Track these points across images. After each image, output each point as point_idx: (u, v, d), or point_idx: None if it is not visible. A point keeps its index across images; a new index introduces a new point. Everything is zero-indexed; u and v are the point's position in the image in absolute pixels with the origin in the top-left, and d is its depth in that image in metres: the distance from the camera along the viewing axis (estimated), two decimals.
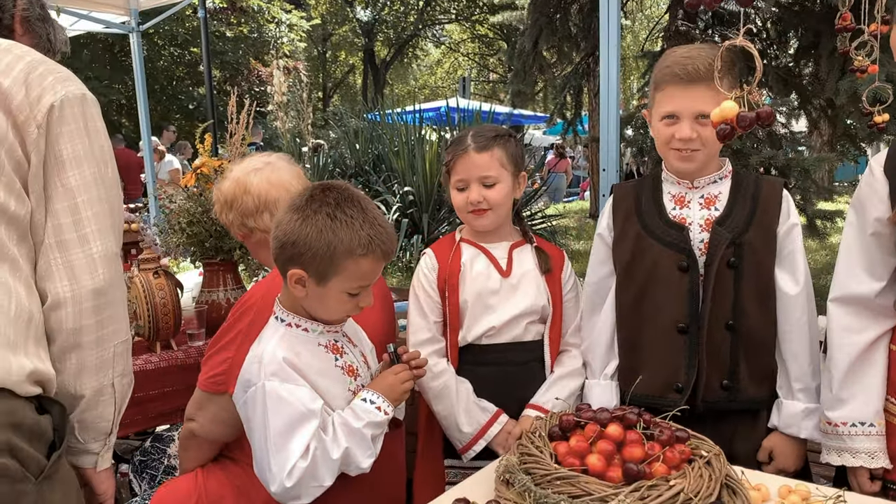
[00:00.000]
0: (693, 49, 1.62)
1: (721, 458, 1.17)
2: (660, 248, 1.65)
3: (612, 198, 1.77)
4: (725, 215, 1.63)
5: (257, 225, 1.80)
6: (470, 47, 26.87)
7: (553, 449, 1.18)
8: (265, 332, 1.42)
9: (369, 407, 1.37)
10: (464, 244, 1.84)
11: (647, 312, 1.68)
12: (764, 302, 1.62)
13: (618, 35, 2.90)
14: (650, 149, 3.67)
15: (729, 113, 1.08)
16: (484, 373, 1.77)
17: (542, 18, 4.18)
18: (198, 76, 16.14)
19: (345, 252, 1.32)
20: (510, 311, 1.76)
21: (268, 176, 1.82)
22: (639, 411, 1.24)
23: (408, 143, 7.08)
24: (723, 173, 1.67)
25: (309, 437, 1.29)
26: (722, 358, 1.61)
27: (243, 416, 1.38)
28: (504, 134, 1.79)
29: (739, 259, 1.60)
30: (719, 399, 1.61)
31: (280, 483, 1.27)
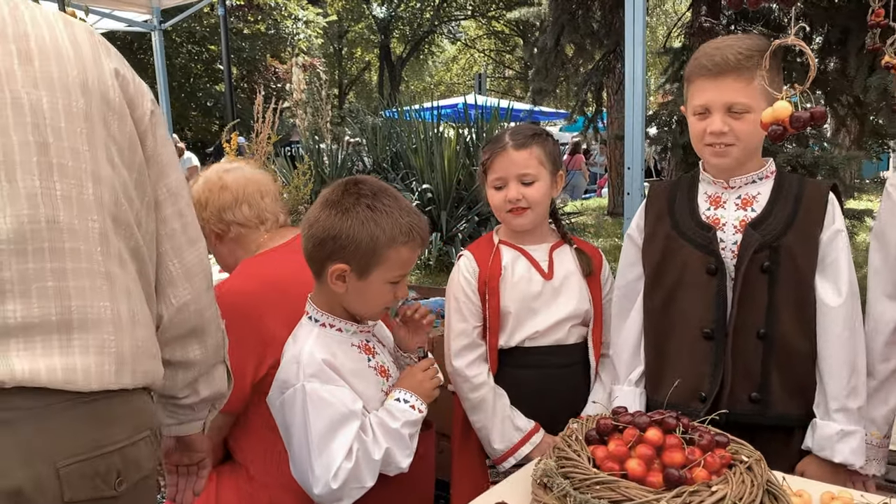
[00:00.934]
0: (725, 39, 1.57)
1: (762, 463, 1.15)
2: (689, 250, 1.59)
3: (647, 197, 1.74)
4: (763, 217, 1.54)
5: (235, 218, 1.75)
6: (486, 44, 26.81)
7: (591, 453, 1.17)
8: (299, 332, 1.42)
9: (404, 406, 1.37)
10: (503, 246, 1.81)
11: (674, 317, 1.62)
12: (801, 311, 1.52)
13: (643, 32, 2.87)
14: (673, 146, 3.64)
15: (781, 113, 1.06)
16: (526, 376, 1.76)
17: (564, 16, 4.15)
18: (215, 73, 16.25)
19: (387, 241, 1.33)
20: (555, 314, 1.74)
21: (242, 173, 1.82)
22: (677, 415, 1.22)
23: (426, 141, 7.08)
24: (763, 173, 1.58)
25: (351, 438, 1.29)
26: (752, 368, 1.52)
27: (280, 418, 1.37)
28: (542, 132, 1.78)
29: (775, 264, 1.51)
30: (748, 412, 1.51)
31: (325, 485, 1.27)
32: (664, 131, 3.45)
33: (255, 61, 16.38)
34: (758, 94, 1.48)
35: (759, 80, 1.46)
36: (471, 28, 26.56)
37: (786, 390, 1.52)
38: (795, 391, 1.53)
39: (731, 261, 1.54)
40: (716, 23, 4.17)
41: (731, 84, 1.49)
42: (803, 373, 1.53)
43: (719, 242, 1.56)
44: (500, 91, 25.80)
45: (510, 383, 1.77)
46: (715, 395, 1.54)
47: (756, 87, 1.47)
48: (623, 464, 1.12)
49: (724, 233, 1.57)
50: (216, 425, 1.58)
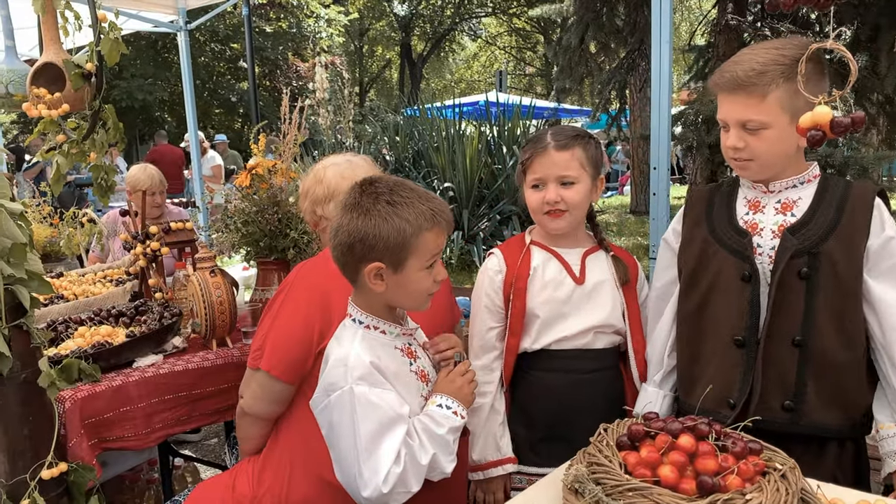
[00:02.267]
0: (745, 52, 1.53)
1: (796, 471, 1.14)
2: (724, 255, 1.56)
3: (686, 202, 1.70)
4: (803, 222, 1.50)
5: (324, 213, 1.90)
6: (506, 41, 26.71)
7: (622, 458, 1.17)
8: (343, 334, 1.42)
9: (447, 413, 1.37)
10: (534, 247, 1.79)
11: (706, 322, 1.60)
12: (842, 320, 1.48)
13: (670, 32, 2.83)
14: (699, 145, 3.61)
15: (821, 119, 1.04)
16: (550, 380, 1.74)
17: (589, 14, 4.13)
18: (238, 71, 16.39)
19: (414, 231, 1.33)
20: (584, 321, 1.72)
21: (342, 170, 1.91)
22: (709, 421, 1.21)
23: (448, 139, 7.09)
24: (805, 177, 1.54)
25: (399, 443, 1.29)
26: (785, 376, 1.49)
27: (324, 421, 1.37)
28: (584, 134, 1.74)
29: (814, 270, 1.47)
30: (780, 421, 1.48)
31: (375, 488, 1.27)
32: (690, 130, 3.42)
33: (277, 59, 16.50)
34: (777, 109, 1.44)
35: (779, 94, 1.43)
36: (491, 25, 26.49)
37: (821, 400, 1.48)
38: (832, 401, 1.49)
39: (768, 266, 1.51)
40: (742, 20, 4.12)
41: (743, 101, 1.47)
42: (841, 383, 1.49)
43: (756, 247, 1.53)
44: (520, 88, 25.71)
45: (535, 386, 1.76)
46: (744, 402, 1.52)
47: (773, 102, 1.44)
48: (655, 470, 1.12)
49: (761, 238, 1.54)
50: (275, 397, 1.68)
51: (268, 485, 1.69)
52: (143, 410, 2.03)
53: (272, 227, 2.37)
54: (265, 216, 2.37)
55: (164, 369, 2.12)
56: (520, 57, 26.90)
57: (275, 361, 1.66)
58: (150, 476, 2.94)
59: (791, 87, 1.42)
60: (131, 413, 2.01)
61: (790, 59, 1.43)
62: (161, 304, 2.42)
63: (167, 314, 2.31)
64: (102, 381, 2.00)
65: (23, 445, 1.76)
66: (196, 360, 2.20)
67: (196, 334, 2.33)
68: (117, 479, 2.71)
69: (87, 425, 1.91)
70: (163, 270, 2.58)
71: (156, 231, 2.50)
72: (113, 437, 1.98)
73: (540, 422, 1.77)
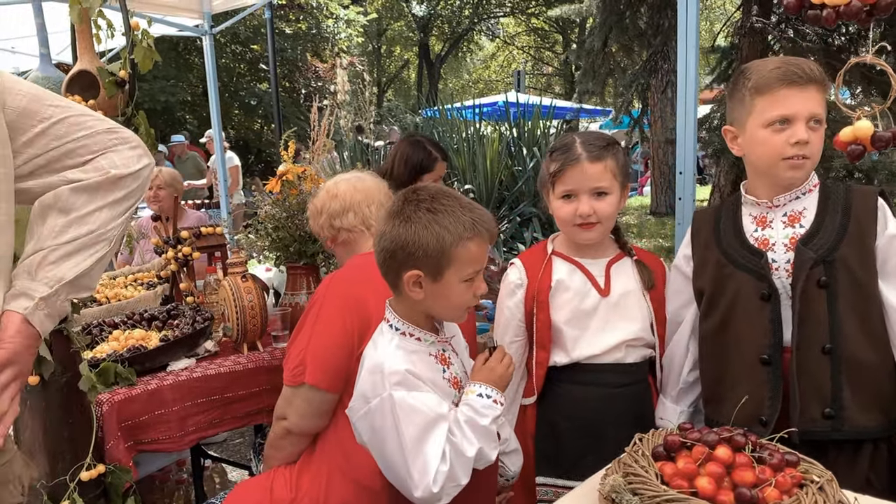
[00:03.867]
0: (788, 58, 1.57)
1: (833, 483, 1.14)
2: (741, 276, 1.57)
3: (691, 226, 1.70)
4: (812, 232, 1.52)
5: (343, 224, 1.95)
6: (524, 40, 26.67)
7: (658, 469, 1.18)
8: (379, 339, 1.44)
9: (488, 402, 1.38)
10: (556, 258, 1.76)
11: (729, 342, 1.60)
12: (866, 322, 1.49)
13: (696, 36, 2.81)
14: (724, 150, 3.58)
15: (863, 133, 1.05)
16: (580, 393, 1.72)
17: (612, 17, 4.12)
18: (258, 73, 16.51)
19: (453, 240, 1.35)
20: (614, 336, 1.70)
21: (353, 183, 1.99)
22: (744, 432, 1.22)
23: (468, 140, 7.09)
24: (806, 188, 1.55)
25: (443, 442, 1.32)
26: (821, 384, 1.49)
27: (365, 427, 1.39)
28: (614, 142, 1.71)
29: (832, 278, 1.48)
30: (823, 429, 1.48)
31: (426, 488, 1.29)
32: (715, 135, 3.40)
33: (296, 60, 16.59)
34: (823, 111, 1.50)
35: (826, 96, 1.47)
36: (509, 25, 26.45)
37: (859, 404, 1.49)
38: (868, 404, 1.50)
39: (786, 280, 1.52)
40: (767, 23, 4.09)
41: (815, 95, 1.49)
42: (874, 384, 1.50)
43: (771, 263, 1.54)
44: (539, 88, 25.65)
45: (564, 399, 1.73)
46: (776, 418, 1.52)
47: (825, 102, 1.48)
48: (692, 481, 1.13)
49: (774, 253, 1.55)
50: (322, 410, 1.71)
51: (305, 489, 1.72)
52: (178, 413, 2.07)
53: (301, 233, 2.40)
54: (295, 221, 2.40)
55: (197, 373, 2.16)
56: (538, 57, 26.85)
57: (319, 374, 1.69)
58: (179, 476, 2.99)
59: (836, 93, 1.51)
60: (166, 416, 2.05)
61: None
62: (192, 308, 2.46)
63: (199, 318, 2.35)
64: (138, 384, 2.04)
65: (63, 447, 1.81)
66: (228, 364, 2.24)
67: (227, 338, 2.36)
68: (147, 480, 2.76)
69: (123, 428, 1.96)
70: (193, 274, 2.62)
71: (187, 236, 2.55)
72: (148, 440, 2.02)
73: (568, 435, 1.74)
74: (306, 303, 2.48)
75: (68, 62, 4.22)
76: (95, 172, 1.14)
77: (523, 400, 1.81)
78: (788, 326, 1.52)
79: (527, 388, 1.79)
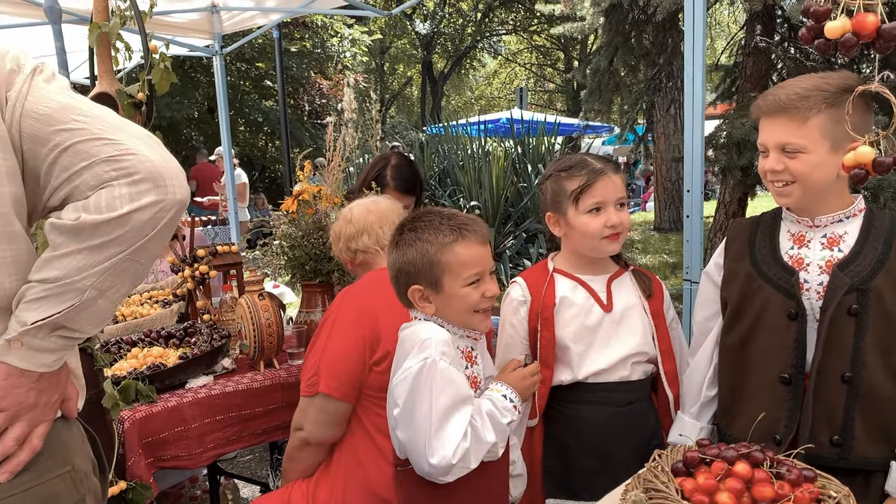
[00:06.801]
0: (790, 80, 1.55)
1: (850, 499, 1.16)
2: (770, 291, 1.56)
3: (727, 236, 1.71)
4: (851, 258, 1.49)
5: (358, 246, 2.02)
6: (526, 57, 26.86)
7: (678, 485, 1.21)
8: (416, 323, 1.49)
9: (509, 405, 1.45)
10: (558, 275, 1.79)
11: (751, 357, 1.60)
12: (890, 356, 1.47)
13: (703, 57, 2.86)
14: (730, 167, 3.63)
15: (864, 158, 1.09)
16: (588, 413, 1.74)
17: (618, 38, 4.18)
18: (263, 89, 16.64)
19: (437, 249, 1.42)
20: (618, 351, 1.72)
21: (367, 206, 2.07)
22: (762, 448, 1.24)
23: (473, 157, 7.16)
24: (850, 211, 1.53)
25: (467, 420, 1.37)
26: (834, 412, 1.49)
27: (402, 390, 1.39)
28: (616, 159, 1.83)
29: (863, 308, 1.46)
30: (828, 455, 1.47)
31: (444, 458, 1.33)
32: (721, 153, 3.44)
33: (301, 78, 16.74)
34: (816, 134, 1.46)
35: (820, 120, 1.44)
36: (511, 42, 26.67)
37: (868, 434, 1.49)
38: (879, 435, 1.49)
39: (816, 302, 1.51)
40: (771, 42, 4.14)
41: (784, 124, 1.49)
42: (888, 417, 1.49)
43: (803, 283, 1.53)
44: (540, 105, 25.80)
45: (573, 420, 1.75)
46: (791, 438, 1.51)
47: (813, 127, 1.45)
48: (713, 497, 1.15)
49: (807, 273, 1.53)
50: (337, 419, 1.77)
51: (322, 500, 1.75)
52: (197, 430, 2.10)
53: (317, 251, 2.44)
54: (310, 240, 2.44)
55: (215, 390, 2.19)
56: (540, 74, 27.03)
57: (333, 383, 1.74)
58: (193, 493, 3.01)
59: (834, 114, 1.43)
60: (185, 433, 2.08)
61: (834, 87, 1.45)
62: (209, 325, 2.50)
63: (216, 336, 2.38)
64: (158, 401, 2.07)
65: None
66: (245, 382, 2.26)
67: (244, 355, 2.39)
68: (161, 497, 2.78)
69: (144, 445, 1.98)
70: (209, 293, 2.66)
71: (203, 254, 2.59)
72: (168, 457, 2.05)
73: (577, 456, 1.75)
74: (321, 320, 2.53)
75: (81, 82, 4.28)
76: (72, 214, 1.00)
77: (527, 422, 1.81)
78: (811, 349, 1.50)
79: (530, 410, 1.79)
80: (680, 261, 8.29)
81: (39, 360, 1.03)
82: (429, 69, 25.02)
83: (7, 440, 1.02)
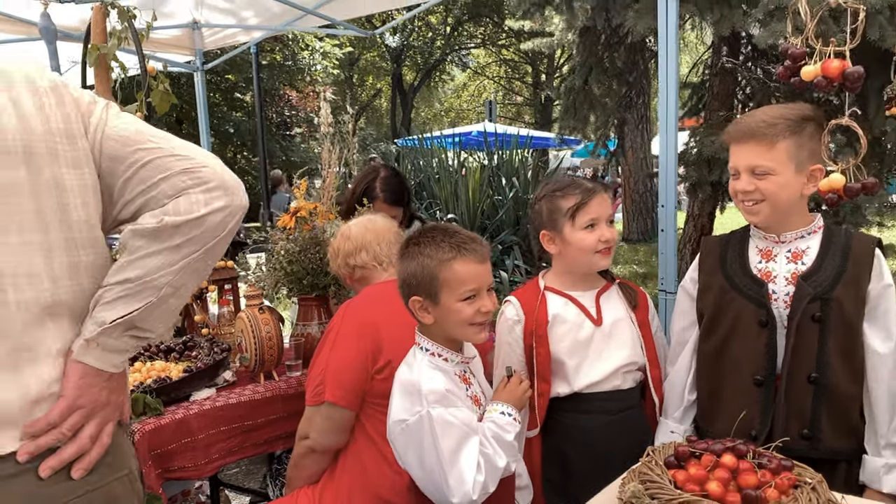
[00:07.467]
0: (757, 110, 1.73)
1: (823, 484, 1.30)
2: (742, 302, 1.71)
3: (700, 251, 1.86)
4: (813, 270, 1.66)
5: (356, 262, 2.12)
6: (495, 71, 27.22)
7: (672, 476, 1.33)
8: (412, 361, 1.58)
9: (510, 420, 1.54)
10: (549, 293, 1.88)
11: (727, 363, 1.75)
12: (849, 358, 1.64)
13: (675, 77, 2.95)
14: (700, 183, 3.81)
15: (836, 184, 1.24)
16: (585, 422, 1.83)
17: (592, 58, 4.37)
18: (234, 101, 16.60)
19: (437, 264, 1.52)
20: (610, 363, 1.82)
21: (364, 223, 2.18)
22: (745, 442, 1.38)
23: (446, 169, 7.29)
24: (811, 228, 1.70)
25: (477, 453, 1.46)
26: (803, 409, 1.65)
27: (403, 443, 1.52)
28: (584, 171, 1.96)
29: (826, 314, 1.62)
30: (799, 448, 1.60)
31: (465, 495, 1.43)
32: (692, 169, 3.62)
33: (271, 90, 16.77)
34: (783, 157, 1.63)
35: (786, 145, 1.62)
36: (480, 56, 27.00)
37: (834, 428, 1.65)
38: (843, 429, 1.66)
39: (784, 311, 1.67)
40: (737, 63, 4.36)
41: (752, 148, 1.66)
42: (851, 412, 1.66)
43: (772, 294, 1.68)
44: (509, 117, 26.13)
45: (571, 429, 1.84)
46: (766, 434, 1.66)
47: (781, 151, 1.63)
48: (703, 486, 1.28)
49: (775, 285, 1.69)
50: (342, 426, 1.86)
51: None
52: (203, 441, 2.17)
53: (314, 266, 2.53)
54: (307, 255, 2.53)
55: (219, 402, 2.26)
56: (508, 87, 27.40)
57: (338, 392, 1.84)
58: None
59: (797, 140, 1.63)
60: (192, 444, 2.15)
61: (796, 116, 1.64)
62: (208, 339, 2.57)
63: (217, 349, 2.46)
64: (165, 413, 2.14)
65: None
66: (247, 393, 2.34)
67: (244, 368, 2.47)
68: None
69: (153, 456, 2.05)
70: (207, 307, 2.73)
71: None
72: (175, 468, 2.11)
73: (576, 463, 1.84)
74: (318, 332, 2.62)
75: None
76: (154, 219, 1.13)
77: (527, 433, 1.88)
78: (781, 354, 1.67)
79: (529, 421, 1.87)
80: (650, 271, 8.55)
81: (111, 360, 1.12)
82: (398, 81, 25.19)
83: (83, 437, 1.10)
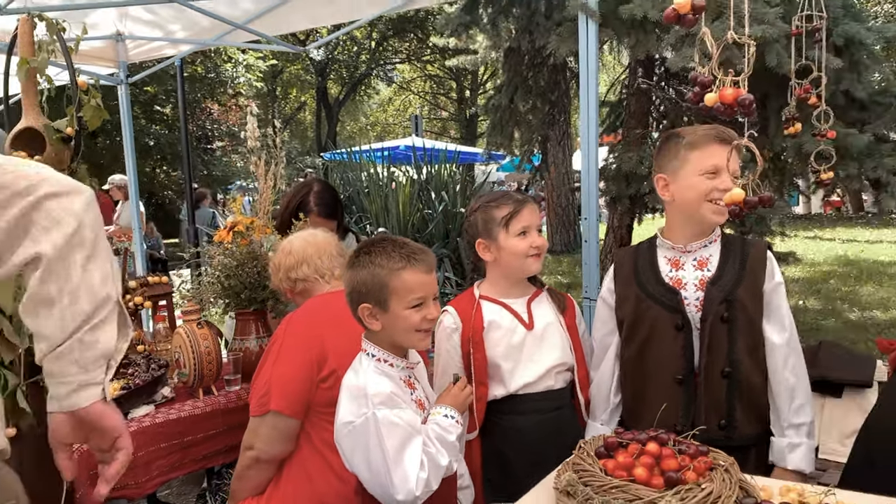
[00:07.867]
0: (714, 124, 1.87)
1: (735, 466, 1.46)
2: (658, 309, 1.85)
3: (614, 264, 2.01)
4: (718, 276, 1.81)
5: (298, 275, 2.16)
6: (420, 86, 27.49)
7: (602, 465, 1.46)
8: (358, 367, 1.65)
9: (452, 422, 1.62)
10: (484, 301, 1.99)
11: (648, 366, 1.88)
12: (754, 352, 1.81)
13: (596, 97, 3.13)
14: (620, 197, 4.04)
15: (737, 197, 1.40)
16: (522, 422, 1.94)
17: (517, 78, 4.58)
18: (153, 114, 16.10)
19: (387, 273, 1.59)
20: (542, 364, 1.94)
21: (306, 238, 2.23)
22: (666, 432, 1.53)
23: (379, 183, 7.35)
24: (712, 238, 1.86)
25: (420, 452, 1.53)
26: (719, 402, 1.80)
27: (349, 444, 1.57)
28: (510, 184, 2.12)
29: (732, 315, 1.78)
30: (718, 437, 1.74)
31: (409, 493, 1.49)
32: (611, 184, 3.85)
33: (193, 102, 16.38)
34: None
35: None
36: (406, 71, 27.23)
37: (747, 417, 1.82)
38: (754, 417, 1.83)
39: (696, 314, 1.82)
40: (651, 84, 4.66)
41: (732, 152, 1.76)
42: (759, 401, 1.84)
43: (684, 299, 1.83)
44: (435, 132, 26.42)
45: (509, 430, 1.94)
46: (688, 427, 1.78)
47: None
48: (630, 471, 1.41)
49: (686, 291, 1.84)
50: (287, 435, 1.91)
51: None
52: (143, 459, 2.16)
53: (252, 280, 2.55)
54: (245, 270, 2.55)
55: (158, 419, 2.25)
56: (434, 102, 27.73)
57: (283, 401, 1.88)
58: None
59: None
60: (132, 462, 2.09)
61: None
62: (144, 356, 2.54)
63: (154, 366, 2.44)
64: None
65: (38, 500, 1.85)
66: (186, 409, 2.34)
67: (182, 384, 2.46)
68: None
69: (91, 476, 2.02)
70: (142, 323, 2.70)
71: (136, 285, 2.63)
72: (115, 486, 2.07)
73: (515, 462, 1.94)
74: (256, 347, 2.64)
75: None
76: None
77: (467, 435, 1.94)
78: (697, 353, 1.82)
79: (469, 424, 1.94)
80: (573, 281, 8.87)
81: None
82: (323, 95, 25.05)
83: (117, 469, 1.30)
